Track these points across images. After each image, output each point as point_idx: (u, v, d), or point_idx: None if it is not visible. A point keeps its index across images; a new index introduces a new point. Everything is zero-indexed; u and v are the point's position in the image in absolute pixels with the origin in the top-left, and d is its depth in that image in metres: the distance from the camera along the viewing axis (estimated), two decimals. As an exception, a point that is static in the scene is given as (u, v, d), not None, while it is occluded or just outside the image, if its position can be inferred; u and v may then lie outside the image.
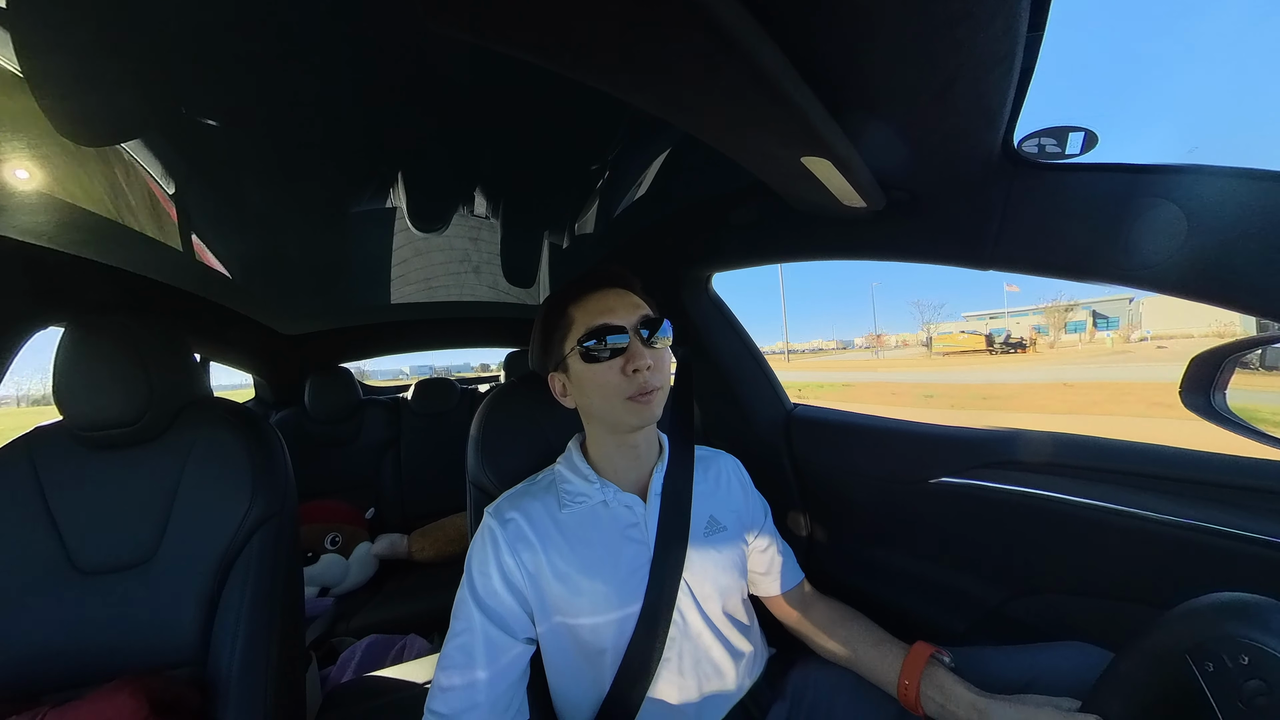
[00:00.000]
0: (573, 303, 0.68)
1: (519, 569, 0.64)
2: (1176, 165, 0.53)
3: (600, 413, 0.68)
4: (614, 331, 0.64)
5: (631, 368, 0.64)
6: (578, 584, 0.64)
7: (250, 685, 0.78)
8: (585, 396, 0.68)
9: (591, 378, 0.65)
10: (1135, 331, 40.50)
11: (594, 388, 0.66)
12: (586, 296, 0.68)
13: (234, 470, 0.84)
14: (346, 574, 1.66)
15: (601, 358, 0.64)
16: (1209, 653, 0.38)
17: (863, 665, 0.69)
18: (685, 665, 0.66)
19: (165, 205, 1.03)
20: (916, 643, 0.66)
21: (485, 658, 0.60)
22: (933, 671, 0.62)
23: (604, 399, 0.65)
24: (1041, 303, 53.15)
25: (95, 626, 0.76)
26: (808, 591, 0.81)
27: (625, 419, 0.66)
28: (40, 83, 0.65)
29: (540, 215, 1.36)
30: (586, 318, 0.66)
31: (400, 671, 1.26)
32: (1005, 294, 66.90)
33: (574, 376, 0.68)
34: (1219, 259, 0.51)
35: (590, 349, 0.64)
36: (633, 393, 0.64)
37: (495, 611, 0.63)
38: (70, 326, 0.79)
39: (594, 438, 0.73)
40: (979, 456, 0.85)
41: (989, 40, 0.41)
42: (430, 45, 0.69)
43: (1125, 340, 38.10)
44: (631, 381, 0.64)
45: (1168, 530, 0.65)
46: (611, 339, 0.64)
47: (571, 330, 0.67)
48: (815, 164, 0.59)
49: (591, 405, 0.68)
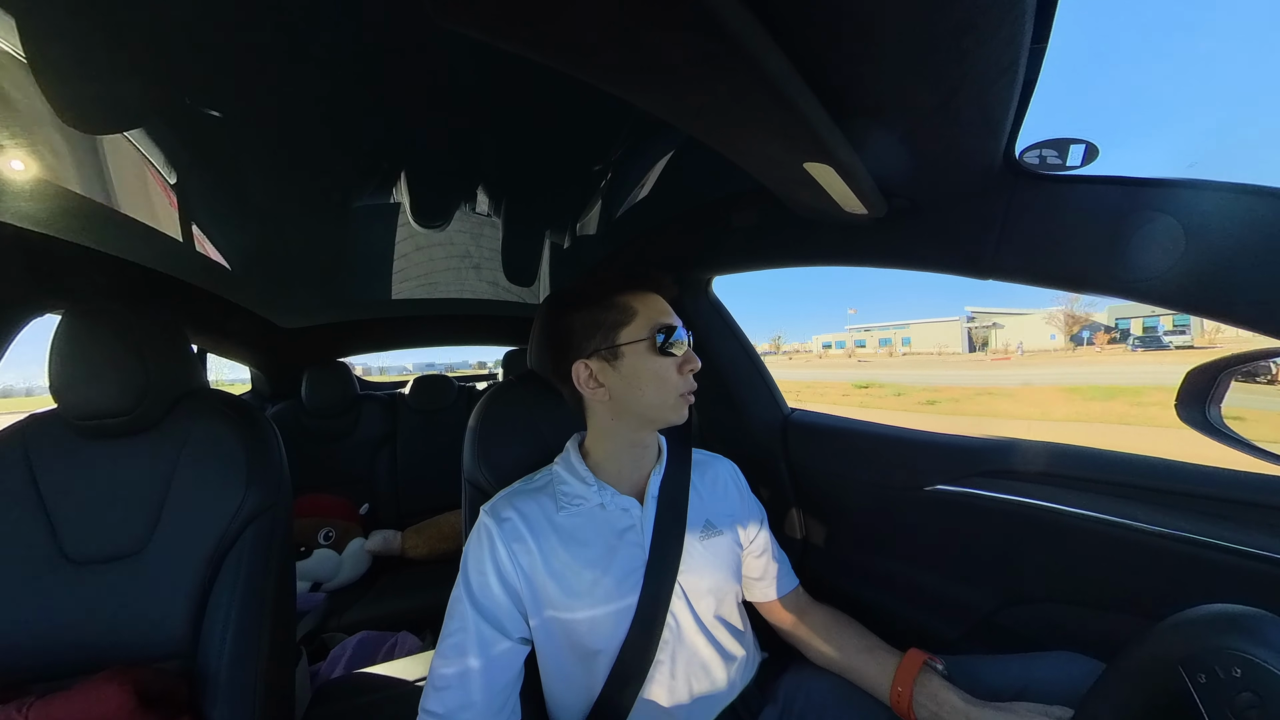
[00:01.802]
0: (629, 294, 0.69)
1: (514, 568, 0.64)
2: (1175, 179, 0.54)
3: (645, 406, 0.68)
4: (676, 330, 0.68)
5: (689, 367, 0.69)
6: (573, 584, 0.64)
7: (239, 679, 0.77)
8: (633, 388, 0.67)
9: (655, 371, 0.67)
10: (898, 349, 55.45)
11: (653, 380, 0.67)
12: (645, 293, 0.70)
13: (229, 462, 0.84)
14: (339, 569, 1.65)
15: (671, 353, 0.67)
16: (1202, 664, 0.38)
17: (855, 671, 0.69)
18: (678, 667, 0.66)
19: (166, 195, 1.03)
20: (910, 650, 0.66)
21: (480, 656, 0.60)
22: (926, 679, 0.62)
23: (660, 392, 0.67)
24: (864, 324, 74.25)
25: (84, 617, 0.76)
26: (802, 597, 0.81)
27: (669, 415, 0.69)
28: (44, 69, 0.65)
29: (542, 214, 1.36)
30: (652, 312, 0.68)
31: (391, 669, 1.25)
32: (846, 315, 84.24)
33: (625, 367, 0.67)
34: (1216, 273, 0.51)
35: (658, 344, 0.67)
36: (685, 390, 0.68)
37: (490, 610, 0.63)
38: (67, 314, 0.78)
39: (608, 433, 0.72)
40: (974, 465, 0.85)
41: (993, 52, 0.41)
42: (436, 41, 0.69)
43: (850, 353, 57.38)
44: (686, 380, 0.68)
45: (1161, 542, 0.65)
46: (677, 337, 0.68)
47: (634, 321, 0.68)
48: (818, 170, 0.59)
49: (639, 398, 0.67)
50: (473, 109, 0.86)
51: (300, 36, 0.68)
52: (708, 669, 0.67)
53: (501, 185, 1.18)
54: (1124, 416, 10.64)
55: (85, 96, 0.73)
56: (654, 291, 0.71)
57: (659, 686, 0.65)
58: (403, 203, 1.21)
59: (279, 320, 1.85)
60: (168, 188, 1.01)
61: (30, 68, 0.64)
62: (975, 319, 49.57)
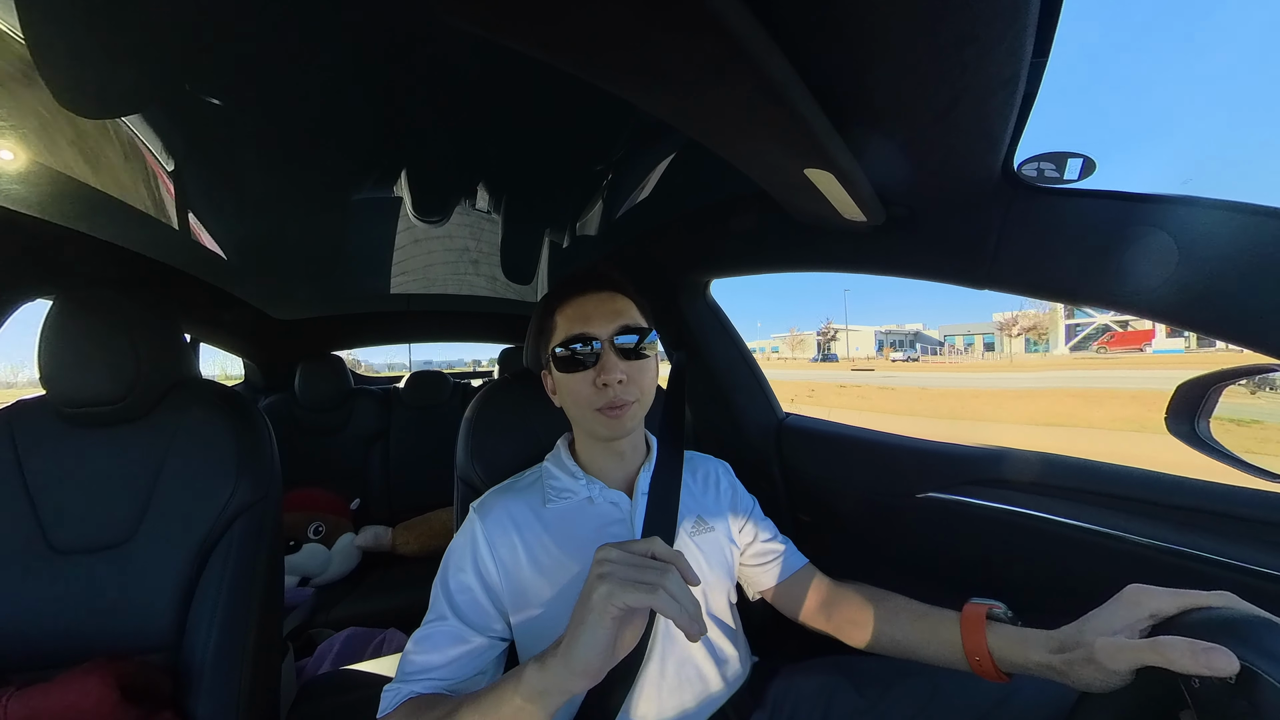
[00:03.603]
0: (558, 306, 0.69)
1: (495, 566, 0.64)
2: (1170, 195, 0.54)
3: (574, 419, 0.70)
4: (586, 341, 0.64)
5: (601, 380, 0.63)
6: (559, 579, 0.64)
7: (224, 674, 0.76)
8: (564, 401, 0.69)
9: (565, 385, 0.67)
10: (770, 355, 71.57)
11: (567, 394, 0.67)
12: (570, 300, 0.68)
13: (219, 454, 0.83)
14: (328, 565, 1.64)
15: (572, 368, 0.65)
16: None
17: (912, 645, 0.62)
18: (667, 667, 0.65)
19: (163, 182, 1.02)
20: (966, 606, 0.58)
21: (448, 648, 0.61)
22: (997, 636, 0.54)
23: (576, 407, 0.67)
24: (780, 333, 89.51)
25: (67, 607, 0.75)
26: (822, 577, 0.76)
27: (595, 429, 0.67)
28: (42, 52, 0.64)
29: (542, 212, 1.36)
30: (566, 324, 0.67)
31: (378, 666, 1.24)
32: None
33: (555, 380, 0.69)
34: (1208, 289, 0.52)
35: (562, 358, 0.65)
36: (602, 405, 0.64)
37: (462, 607, 0.63)
38: (59, 299, 0.78)
39: (579, 437, 0.74)
40: (967, 473, 0.85)
41: (994, 64, 0.41)
42: (439, 37, 0.69)
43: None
44: (601, 394, 0.63)
45: (1149, 554, 0.66)
46: (582, 349, 0.64)
47: (554, 334, 0.68)
48: (818, 176, 0.59)
49: (567, 411, 0.70)
50: (474, 104, 0.86)
51: (302, 27, 0.68)
52: (699, 670, 0.67)
53: (501, 182, 1.18)
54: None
55: (83, 81, 0.73)
56: (590, 292, 0.67)
57: (649, 687, 0.64)
58: (402, 197, 1.20)
59: (274, 312, 1.83)
60: (165, 174, 1.00)
61: (29, 51, 0.63)
62: (825, 330, 65.61)
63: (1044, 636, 0.50)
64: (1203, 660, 0.36)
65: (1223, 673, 0.35)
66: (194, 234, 1.21)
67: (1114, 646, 0.43)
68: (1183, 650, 0.38)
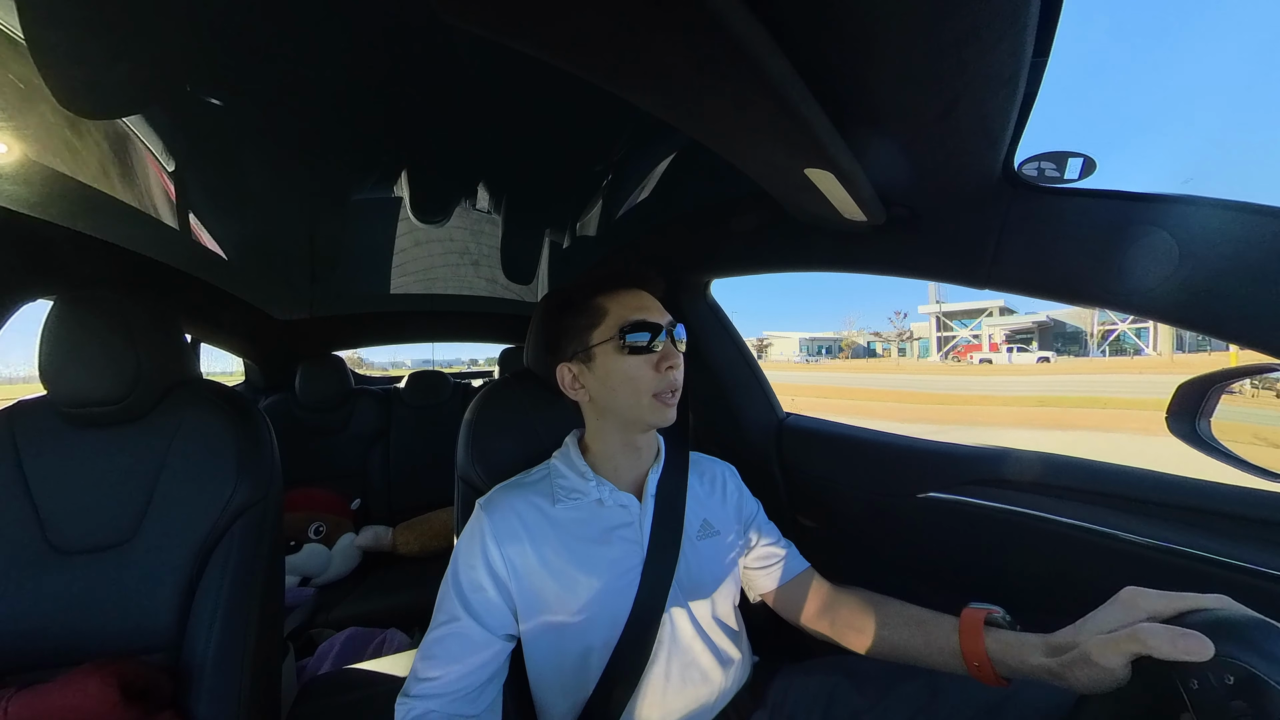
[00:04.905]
0: (604, 294, 0.68)
1: (505, 564, 0.64)
2: (1170, 195, 0.54)
3: (621, 407, 0.67)
4: (653, 328, 0.65)
5: (666, 365, 0.65)
6: (567, 580, 0.64)
7: (225, 674, 0.76)
8: (608, 390, 0.67)
9: (624, 370, 0.65)
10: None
11: (623, 381, 0.65)
12: (620, 291, 0.68)
13: (219, 454, 0.83)
14: (329, 564, 1.64)
15: (640, 351, 0.65)
16: (1195, 670, 0.38)
17: (910, 650, 0.62)
18: (672, 669, 0.66)
19: (163, 182, 1.02)
20: (964, 611, 0.58)
21: (462, 651, 0.60)
22: (995, 640, 0.54)
23: (632, 393, 0.65)
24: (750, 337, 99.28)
25: (68, 608, 0.75)
26: (823, 581, 0.76)
27: (645, 416, 0.66)
28: (43, 52, 0.64)
29: (542, 213, 1.36)
30: (623, 310, 0.66)
31: (379, 665, 1.24)
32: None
33: (598, 368, 0.67)
34: (1208, 288, 0.52)
35: (631, 341, 0.65)
36: (660, 389, 0.65)
37: (476, 606, 0.62)
38: (59, 299, 0.78)
39: (598, 433, 0.72)
40: (967, 473, 0.85)
41: (994, 63, 0.41)
42: (440, 36, 0.69)
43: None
44: (662, 379, 0.65)
45: (1150, 554, 0.65)
46: (648, 334, 0.65)
47: (605, 321, 0.67)
48: (818, 176, 0.59)
49: (614, 399, 0.67)
50: (475, 105, 0.86)
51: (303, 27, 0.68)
52: (703, 671, 0.67)
53: (502, 182, 1.18)
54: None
55: (84, 80, 0.73)
56: (636, 288, 0.69)
57: (653, 688, 0.65)
58: (403, 197, 1.20)
59: (274, 312, 1.83)
60: (165, 174, 1.00)
61: (29, 49, 0.63)
62: (763, 338, 69.36)
63: (1041, 640, 0.50)
64: (1180, 645, 0.38)
65: (1197, 657, 0.37)
66: (194, 234, 1.21)
67: (1102, 642, 0.44)
68: (1161, 636, 0.39)
